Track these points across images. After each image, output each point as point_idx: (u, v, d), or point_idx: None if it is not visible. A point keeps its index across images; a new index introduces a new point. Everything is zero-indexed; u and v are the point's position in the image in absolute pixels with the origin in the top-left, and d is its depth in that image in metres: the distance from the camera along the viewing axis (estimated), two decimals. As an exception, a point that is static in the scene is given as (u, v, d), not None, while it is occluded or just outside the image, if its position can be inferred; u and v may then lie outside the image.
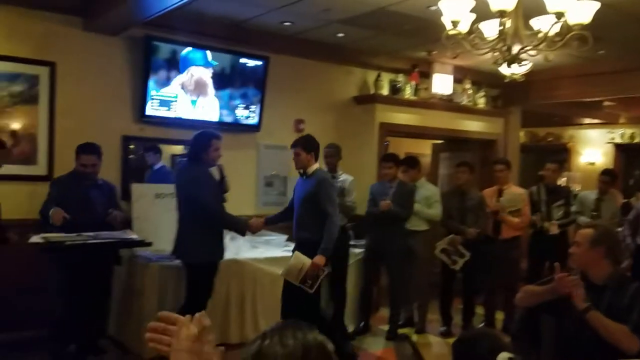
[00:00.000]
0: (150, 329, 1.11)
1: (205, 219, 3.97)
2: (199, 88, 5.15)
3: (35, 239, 3.50)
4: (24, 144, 4.46)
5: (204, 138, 4.04)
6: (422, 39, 5.50)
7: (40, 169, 4.51)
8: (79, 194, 3.94)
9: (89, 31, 4.68)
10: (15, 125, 4.45)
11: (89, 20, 4.60)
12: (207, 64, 5.17)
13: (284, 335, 1.09)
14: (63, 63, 4.61)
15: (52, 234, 3.55)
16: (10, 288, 3.69)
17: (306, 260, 3.96)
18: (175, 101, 5.05)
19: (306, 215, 4.10)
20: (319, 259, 3.97)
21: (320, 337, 1.12)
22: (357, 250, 5.30)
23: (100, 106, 4.80)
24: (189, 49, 5.05)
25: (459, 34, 3.47)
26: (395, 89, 6.30)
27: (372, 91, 6.25)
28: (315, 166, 4.19)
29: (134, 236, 4.09)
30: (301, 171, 4.20)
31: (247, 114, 5.47)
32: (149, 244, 4.10)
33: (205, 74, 5.17)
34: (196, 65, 5.11)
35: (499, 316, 5.49)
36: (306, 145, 4.16)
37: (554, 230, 5.37)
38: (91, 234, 3.70)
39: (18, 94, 4.44)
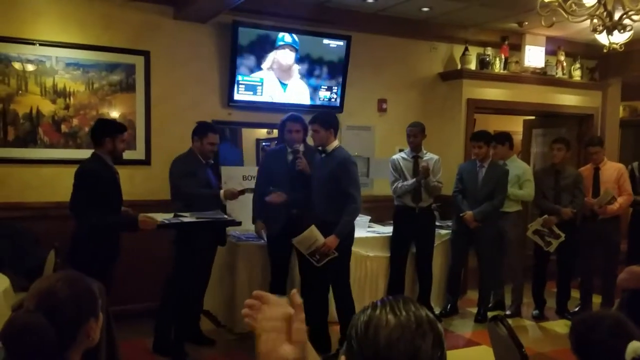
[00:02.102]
0: (247, 306, 1.14)
1: None
2: (284, 71, 5.22)
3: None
4: (123, 130, 4.73)
5: (282, 121, 4.29)
6: (513, 9, 5.25)
7: (139, 153, 4.77)
8: (203, 175, 4.11)
9: (180, 19, 4.85)
10: (115, 112, 4.72)
11: (180, 9, 4.77)
12: (292, 47, 5.22)
13: (396, 306, 1.07)
14: (156, 52, 4.82)
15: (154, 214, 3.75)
16: (123, 264, 3.93)
17: (320, 238, 3.89)
18: (261, 85, 5.15)
19: (328, 197, 3.98)
20: (332, 241, 3.87)
21: (431, 314, 1.10)
22: (443, 232, 5.21)
23: (191, 92, 4.98)
24: (279, 34, 5.11)
25: (555, 1, 3.27)
26: (483, 63, 6.07)
27: (458, 66, 6.05)
28: (335, 144, 4.08)
29: (226, 216, 4.25)
30: (320, 149, 4.12)
31: (329, 96, 5.48)
32: (239, 224, 4.25)
33: (289, 58, 5.22)
34: (281, 48, 5.16)
35: (596, 300, 5.22)
36: (324, 121, 4.05)
37: (658, 209, 5.02)
38: (187, 214, 3.87)
39: (117, 83, 4.71)
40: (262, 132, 6.61)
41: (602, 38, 3.74)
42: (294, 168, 4.17)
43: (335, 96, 5.50)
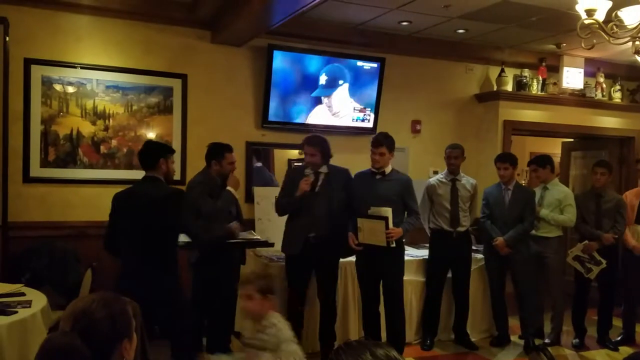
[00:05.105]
0: None
1: None
2: (338, 107, 5.34)
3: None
4: (160, 151, 4.81)
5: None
6: (551, 30, 5.19)
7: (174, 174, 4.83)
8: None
9: (217, 43, 4.94)
10: (152, 134, 4.81)
11: (217, 33, 4.86)
12: (344, 79, 5.30)
13: None
14: (193, 75, 4.91)
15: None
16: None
17: (386, 214, 3.97)
18: (297, 108, 5.19)
19: (393, 217, 4.03)
20: (399, 231, 4.02)
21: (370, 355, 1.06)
22: (480, 256, 5.08)
23: (226, 114, 5.05)
24: (328, 66, 5.22)
25: (595, 23, 3.20)
26: (520, 85, 6.00)
27: (494, 87, 6.00)
28: (391, 166, 4.20)
29: (258, 237, 4.24)
30: (375, 170, 4.16)
31: (362, 117, 5.48)
32: (272, 245, 4.24)
33: (343, 93, 5.32)
34: (338, 84, 5.27)
35: (640, 329, 5.03)
36: (391, 145, 4.15)
37: None
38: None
39: (154, 105, 4.80)
40: (294, 153, 6.64)
41: (645, 60, 3.66)
42: (312, 192, 4.08)
43: (368, 117, 5.49)
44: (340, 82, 5.29)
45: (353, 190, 4.22)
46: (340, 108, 5.37)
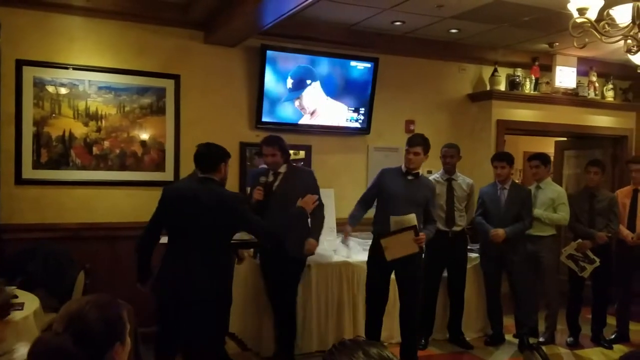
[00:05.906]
0: None
1: None
2: (312, 106, 5.28)
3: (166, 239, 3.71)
4: (153, 152, 4.80)
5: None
6: (544, 30, 5.21)
7: (167, 175, 4.81)
8: None
9: (210, 44, 4.93)
10: (145, 135, 4.79)
11: (210, 33, 4.84)
12: (315, 78, 5.23)
13: None
14: (186, 75, 4.89)
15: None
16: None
17: (413, 221, 3.95)
18: (289, 108, 5.18)
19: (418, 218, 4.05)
20: (424, 235, 4.02)
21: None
22: (474, 255, 5.09)
23: (220, 114, 5.04)
24: (302, 64, 5.15)
25: (587, 22, 3.22)
26: (513, 84, 6.02)
27: (488, 87, 6.01)
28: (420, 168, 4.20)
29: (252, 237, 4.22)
30: (404, 170, 4.13)
31: (356, 117, 5.48)
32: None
33: (315, 92, 5.24)
34: (306, 84, 5.19)
35: (634, 327, 5.05)
36: (426, 146, 4.13)
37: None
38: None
39: (147, 106, 4.78)
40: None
41: (636, 58, 3.67)
42: (269, 191, 4.04)
43: (362, 117, 5.49)
44: (308, 81, 5.22)
45: (382, 185, 4.18)
46: (315, 106, 5.28)
